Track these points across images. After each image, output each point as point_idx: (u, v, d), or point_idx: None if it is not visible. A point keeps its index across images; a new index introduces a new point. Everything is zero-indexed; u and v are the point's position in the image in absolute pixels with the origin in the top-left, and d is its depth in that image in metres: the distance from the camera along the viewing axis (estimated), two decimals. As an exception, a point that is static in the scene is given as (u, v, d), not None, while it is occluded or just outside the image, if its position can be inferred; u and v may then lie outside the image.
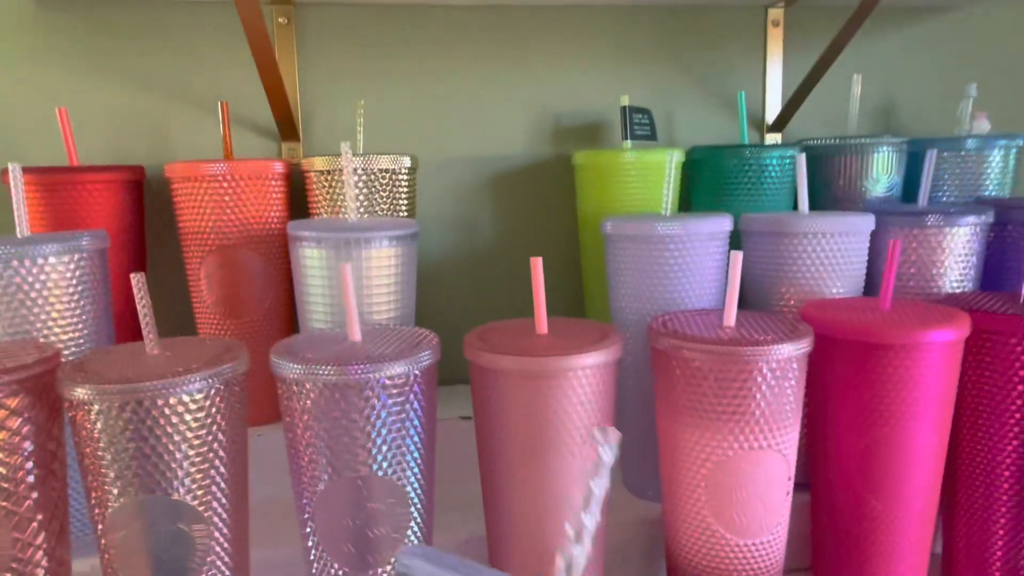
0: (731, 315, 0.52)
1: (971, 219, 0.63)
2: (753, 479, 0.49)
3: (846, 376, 0.52)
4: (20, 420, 0.44)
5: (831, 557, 0.56)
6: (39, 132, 0.71)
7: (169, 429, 0.43)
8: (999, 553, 0.56)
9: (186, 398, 0.43)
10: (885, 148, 0.73)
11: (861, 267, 0.63)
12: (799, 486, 0.53)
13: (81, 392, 0.42)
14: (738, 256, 0.51)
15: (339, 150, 0.76)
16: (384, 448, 0.45)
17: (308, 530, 0.47)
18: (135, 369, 0.44)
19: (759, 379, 0.47)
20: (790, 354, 0.47)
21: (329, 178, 0.66)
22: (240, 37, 0.73)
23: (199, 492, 0.44)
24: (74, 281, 0.54)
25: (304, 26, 0.75)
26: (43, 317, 0.52)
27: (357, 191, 0.66)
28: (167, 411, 0.43)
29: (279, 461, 0.54)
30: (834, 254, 0.61)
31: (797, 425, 0.50)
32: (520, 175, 0.82)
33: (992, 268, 0.67)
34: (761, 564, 0.51)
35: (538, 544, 0.48)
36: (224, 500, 0.46)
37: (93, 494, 0.45)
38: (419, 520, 0.48)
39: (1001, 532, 0.56)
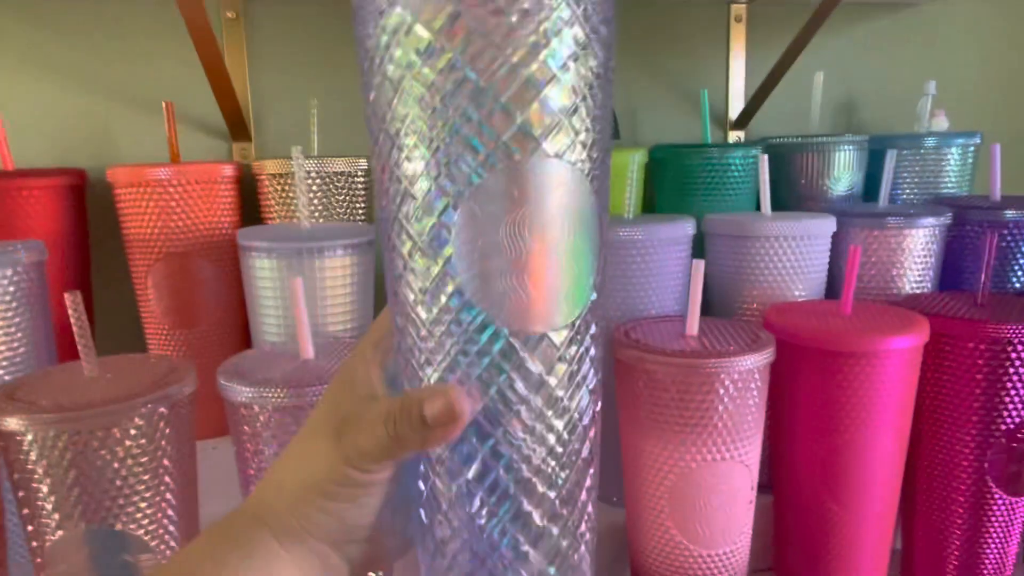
0: (693, 324, 0.51)
1: (930, 220, 0.63)
2: (716, 490, 0.49)
3: (808, 382, 0.52)
4: (-53, 451, 0.42)
5: (793, 559, 0.57)
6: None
7: (109, 457, 0.41)
8: (956, 554, 0.57)
9: (127, 425, 0.41)
10: (847, 147, 0.73)
11: (823, 269, 0.63)
12: (762, 488, 0.53)
13: (12, 422, 0.40)
14: (700, 265, 0.50)
15: (292, 151, 0.73)
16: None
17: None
18: (72, 395, 0.42)
19: (721, 391, 0.47)
20: (752, 365, 0.47)
21: (282, 181, 0.64)
22: (184, 32, 0.70)
23: (145, 521, 0.42)
24: (7, 297, 0.51)
25: (254, 21, 0.72)
26: (-26, 336, 0.50)
27: (312, 195, 0.63)
28: (108, 440, 0.40)
29: (232, 475, 0.53)
30: (796, 257, 0.61)
31: (759, 435, 0.50)
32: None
33: (951, 267, 0.68)
34: (724, 574, 0.51)
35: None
36: (172, 527, 0.44)
37: (29, 526, 0.42)
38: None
39: (958, 534, 0.57)
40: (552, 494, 0.27)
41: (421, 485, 0.28)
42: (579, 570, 0.28)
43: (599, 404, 0.29)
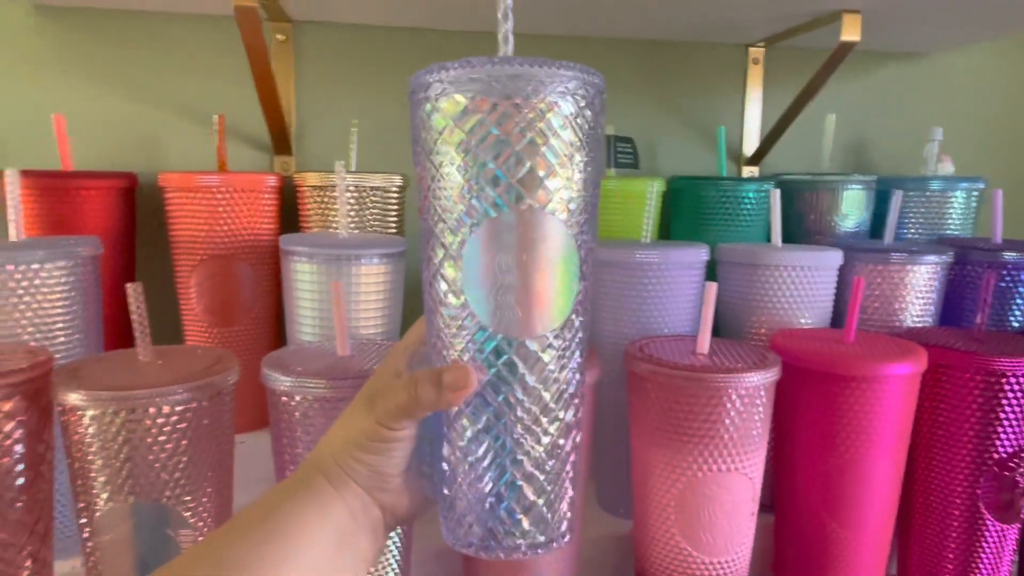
0: (704, 342, 0.54)
1: (933, 258, 0.66)
2: (720, 500, 0.52)
3: (811, 404, 0.55)
4: (13, 423, 0.45)
5: (792, 575, 0.59)
6: (34, 137, 0.72)
7: (161, 436, 0.44)
8: (951, 569, 0.59)
9: (179, 407, 0.44)
10: (855, 186, 0.77)
11: (829, 299, 0.66)
12: (764, 507, 0.56)
13: (75, 397, 0.43)
14: (712, 287, 0.54)
15: (330, 165, 0.78)
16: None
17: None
18: (129, 377, 0.45)
19: (728, 405, 0.50)
20: (759, 382, 0.50)
21: (321, 193, 0.68)
22: (236, 51, 0.75)
23: (187, 498, 0.46)
24: (67, 287, 0.55)
25: (301, 43, 0.77)
26: (36, 322, 0.53)
27: (348, 207, 0.67)
28: (159, 419, 0.44)
29: (258, 468, 0.56)
30: (804, 286, 0.64)
31: (763, 449, 0.53)
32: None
33: (951, 304, 0.71)
34: (726, 582, 0.53)
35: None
36: (211, 506, 0.47)
37: (81, 497, 0.46)
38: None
39: (951, 557, 0.59)
40: (540, 447, 0.34)
41: (445, 450, 0.36)
42: (558, 514, 0.35)
43: (582, 389, 0.36)
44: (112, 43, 0.73)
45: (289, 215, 0.72)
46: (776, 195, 0.68)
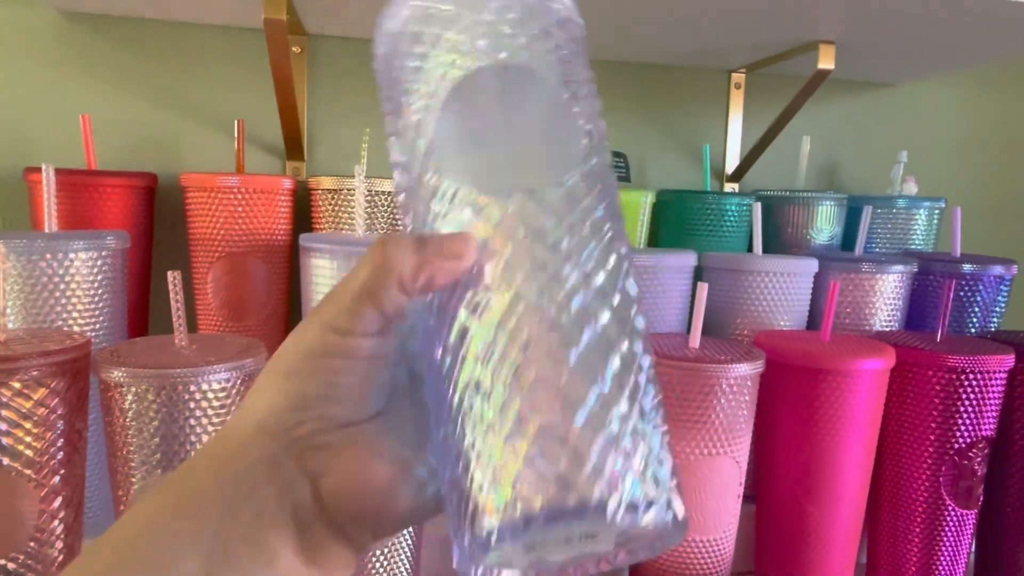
0: (696, 338, 0.59)
1: (899, 268, 0.72)
2: (710, 481, 0.56)
3: (790, 396, 0.60)
4: (57, 399, 0.48)
5: (773, 557, 0.64)
6: (58, 136, 0.75)
7: (198, 414, 0.47)
8: (914, 559, 0.64)
9: (216, 386, 0.48)
10: (828, 202, 0.83)
11: (805, 304, 0.72)
12: (746, 497, 0.60)
13: (119, 375, 0.46)
14: (704, 287, 0.59)
15: (337, 171, 0.82)
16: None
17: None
18: (167, 358, 0.49)
19: (719, 393, 0.55)
20: (746, 372, 0.55)
21: (334, 196, 0.72)
22: (253, 61, 0.79)
23: (217, 473, 0.49)
24: (99, 276, 0.58)
25: (315, 56, 0.82)
26: (68, 308, 0.56)
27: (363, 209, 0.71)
28: (197, 397, 0.47)
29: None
30: (783, 291, 0.70)
31: (748, 437, 0.58)
32: (504, 205, 0.89)
33: (915, 310, 0.77)
34: (714, 559, 0.58)
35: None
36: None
37: (118, 472, 0.49)
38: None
39: (916, 540, 0.64)
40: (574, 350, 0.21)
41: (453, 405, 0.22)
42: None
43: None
44: (137, 50, 0.77)
45: (301, 217, 0.76)
46: (758, 208, 0.73)
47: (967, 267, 0.74)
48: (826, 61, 0.77)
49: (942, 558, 0.64)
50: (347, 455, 0.22)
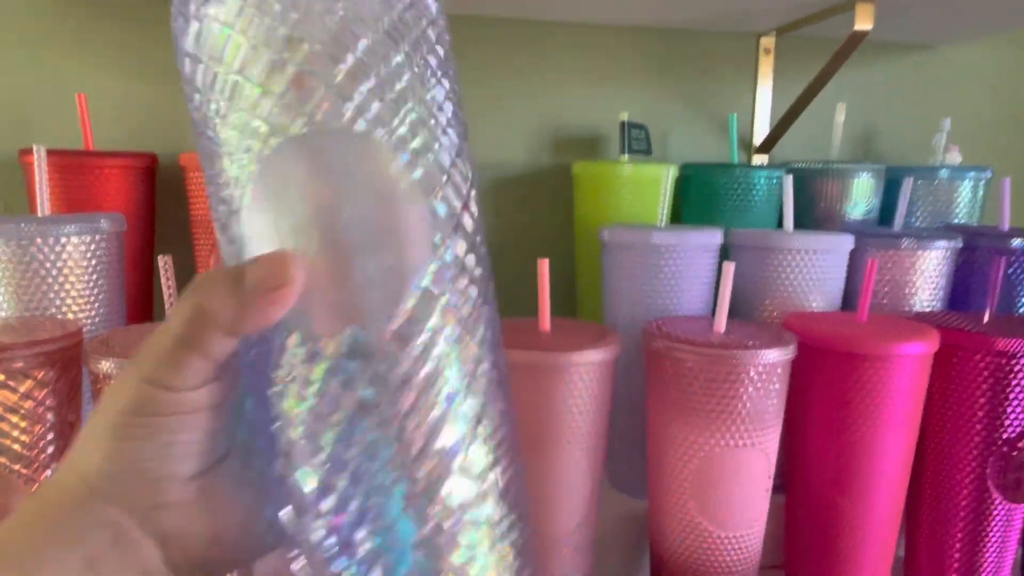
0: (722, 321, 0.55)
1: (942, 244, 0.67)
2: (737, 475, 0.53)
3: (824, 383, 0.56)
4: (45, 391, 0.46)
5: (802, 554, 0.60)
6: (55, 117, 0.73)
7: (191, 405, 0.45)
8: (956, 556, 0.60)
9: (209, 376, 0.45)
10: (865, 174, 0.78)
11: (839, 283, 0.67)
12: (775, 488, 0.57)
13: (107, 365, 0.44)
14: (730, 266, 0.55)
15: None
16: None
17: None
18: (159, 347, 0.46)
19: (746, 381, 0.51)
20: (776, 359, 0.51)
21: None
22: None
23: (214, 467, 0.47)
24: (93, 261, 0.55)
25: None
26: (62, 295, 0.54)
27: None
28: (190, 388, 0.45)
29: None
30: (816, 270, 0.65)
31: (779, 427, 0.54)
32: (519, 183, 0.85)
33: (959, 290, 0.72)
34: (740, 556, 0.54)
35: (541, 528, 0.51)
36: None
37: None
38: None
39: (959, 536, 0.60)
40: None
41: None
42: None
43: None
44: (135, 27, 0.74)
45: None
46: (789, 180, 0.69)
47: (1017, 242, 0.69)
48: (863, 21, 0.71)
49: (987, 553, 0.60)
50: (196, 509, 0.21)
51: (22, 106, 0.72)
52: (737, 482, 0.53)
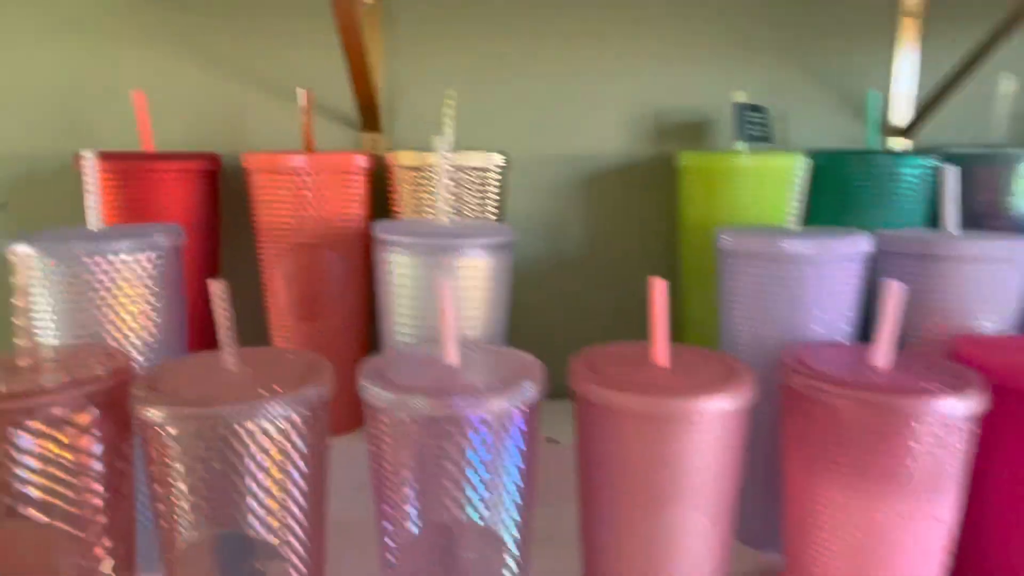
0: (885, 355, 0.44)
1: None
2: (903, 549, 0.42)
3: (1018, 432, 0.45)
4: (89, 438, 0.40)
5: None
6: (113, 116, 0.68)
7: (250, 457, 0.38)
8: None
9: (268, 425, 0.38)
10: (1040, 160, 0.64)
11: (1014, 299, 0.55)
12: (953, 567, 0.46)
13: (154, 413, 0.38)
14: (897, 287, 0.44)
15: (423, 142, 0.70)
16: (482, 491, 0.40)
17: (392, 576, 0.42)
18: (213, 387, 0.40)
19: (922, 437, 0.40)
20: (962, 411, 0.40)
21: (416, 175, 0.61)
22: (322, 17, 0.68)
23: (276, 526, 0.40)
24: (149, 281, 0.50)
25: (391, 7, 0.70)
26: (112, 317, 0.49)
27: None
28: (246, 439, 0.38)
29: (352, 475, 0.50)
30: (991, 283, 0.53)
31: (961, 489, 0.43)
32: (615, 176, 0.75)
33: None
34: (905, 645, 0.44)
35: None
36: (302, 535, 0.41)
37: (163, 522, 0.40)
38: (514, 570, 0.42)
39: None
40: None
41: None
42: None
43: None
44: (198, 15, 0.68)
45: (378, 199, 0.66)
46: (951, 172, 0.56)
47: None
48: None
49: None
50: None
51: (78, 106, 0.68)
52: (904, 559, 0.42)
